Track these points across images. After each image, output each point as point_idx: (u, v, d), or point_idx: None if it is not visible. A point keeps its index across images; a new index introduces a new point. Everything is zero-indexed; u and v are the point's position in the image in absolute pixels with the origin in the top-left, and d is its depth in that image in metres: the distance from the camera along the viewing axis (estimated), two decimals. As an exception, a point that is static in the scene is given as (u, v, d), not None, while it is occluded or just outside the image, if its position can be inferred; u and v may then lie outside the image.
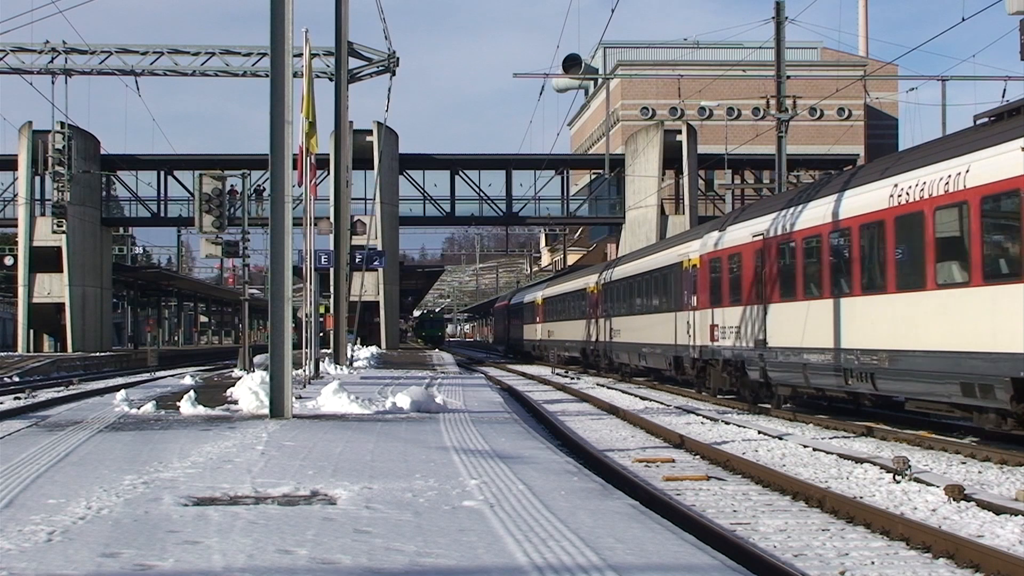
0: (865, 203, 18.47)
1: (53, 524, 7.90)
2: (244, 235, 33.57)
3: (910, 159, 17.57)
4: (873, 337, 18.07)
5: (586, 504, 8.85)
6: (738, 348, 24.48)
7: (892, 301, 17.41)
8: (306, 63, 24.02)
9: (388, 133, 56.31)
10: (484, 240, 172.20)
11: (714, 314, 26.42)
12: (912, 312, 16.72)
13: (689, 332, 28.60)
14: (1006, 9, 26.47)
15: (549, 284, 61.20)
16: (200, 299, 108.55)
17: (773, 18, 36.16)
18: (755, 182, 59.79)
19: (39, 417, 21.23)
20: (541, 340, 59.35)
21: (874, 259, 18.16)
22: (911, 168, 17.10)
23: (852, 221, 18.90)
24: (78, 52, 47.48)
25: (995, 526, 10.13)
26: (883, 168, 18.57)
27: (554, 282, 59.89)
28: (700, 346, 27.65)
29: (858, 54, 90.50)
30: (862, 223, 18.51)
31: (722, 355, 25.70)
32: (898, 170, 17.61)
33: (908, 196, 16.87)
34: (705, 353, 27.28)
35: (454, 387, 25.81)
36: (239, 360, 35.97)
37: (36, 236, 57.32)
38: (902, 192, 17.10)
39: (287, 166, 16.58)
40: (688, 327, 28.74)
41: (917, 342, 16.56)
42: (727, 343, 25.36)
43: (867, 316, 18.36)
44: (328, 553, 6.89)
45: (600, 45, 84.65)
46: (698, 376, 28.53)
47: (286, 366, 16.29)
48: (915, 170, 16.87)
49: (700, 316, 27.62)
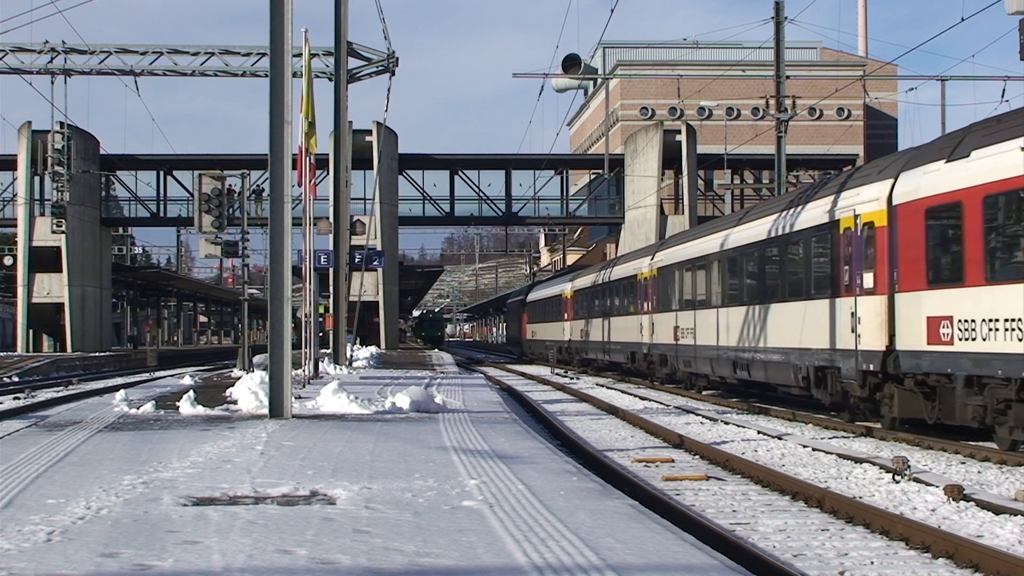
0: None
1: (52, 524, 7.89)
2: (243, 235, 33.54)
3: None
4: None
5: (585, 504, 8.84)
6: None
7: None
8: (305, 63, 24.01)
9: (388, 133, 56.29)
10: (483, 240, 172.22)
11: None
12: None
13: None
14: (1006, 9, 26.52)
15: (580, 274, 52.07)
16: (199, 299, 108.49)
17: (773, 18, 36.20)
18: (754, 182, 59.83)
19: (38, 417, 21.21)
20: (570, 341, 50.59)
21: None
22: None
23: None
24: (78, 52, 47.45)
25: (994, 526, 10.13)
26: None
27: (590, 270, 50.59)
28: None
29: (857, 54, 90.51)
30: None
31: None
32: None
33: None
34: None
35: (453, 387, 25.80)
36: (238, 360, 35.93)
37: (35, 236, 57.29)
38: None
39: (287, 166, 16.57)
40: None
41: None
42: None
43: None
44: (327, 553, 6.89)
45: (600, 45, 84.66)
46: None
47: (285, 366, 16.28)
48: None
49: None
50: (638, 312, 35.52)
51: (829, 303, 19.81)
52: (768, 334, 23.11)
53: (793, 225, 21.96)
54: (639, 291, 35.84)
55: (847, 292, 18.95)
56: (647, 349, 34.31)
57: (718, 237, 27.39)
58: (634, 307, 36.28)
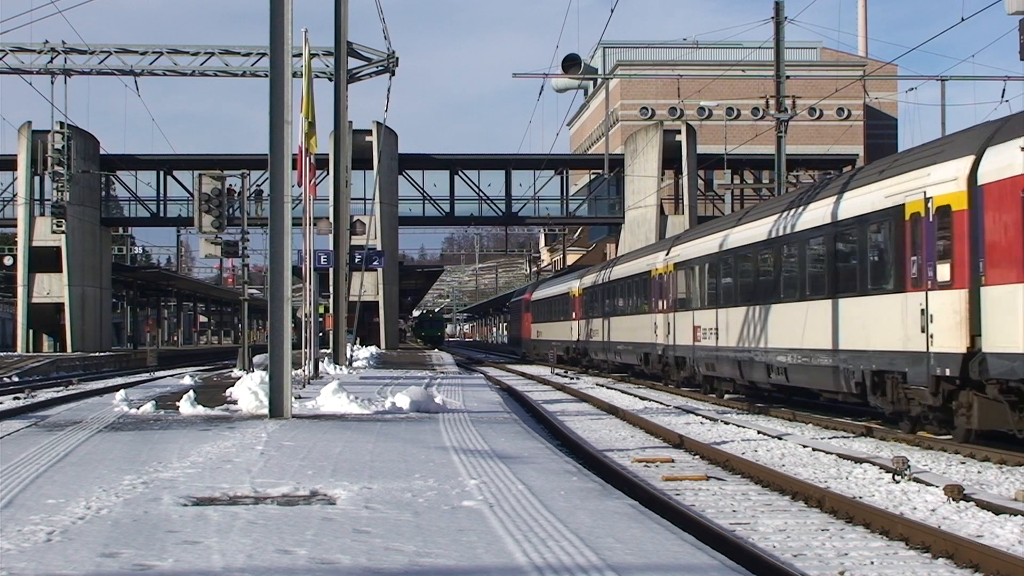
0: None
1: (52, 524, 7.89)
2: (243, 235, 33.54)
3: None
4: None
5: (585, 504, 8.84)
6: None
7: None
8: (305, 63, 24.00)
9: (387, 133, 56.32)
10: (483, 240, 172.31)
11: None
12: None
13: None
14: (1006, 9, 26.49)
15: (590, 271, 48.41)
16: (199, 299, 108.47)
17: (772, 18, 36.19)
18: (754, 182, 59.83)
19: (38, 417, 21.21)
20: (579, 341, 47.11)
21: None
22: None
23: None
24: (78, 52, 47.45)
25: (994, 526, 10.12)
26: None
27: (597, 267, 47.48)
28: None
29: (857, 54, 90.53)
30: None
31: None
32: None
33: None
34: None
35: (453, 387, 25.80)
36: (238, 360, 35.93)
37: (35, 236, 57.31)
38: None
39: (286, 166, 16.57)
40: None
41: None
42: None
43: None
44: (327, 553, 6.89)
45: (600, 45, 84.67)
46: None
47: (285, 366, 16.28)
48: None
49: None
50: (652, 311, 33.98)
51: (891, 299, 17.43)
52: (813, 334, 20.84)
53: (845, 212, 19.53)
54: (652, 288, 34.07)
55: (915, 287, 16.62)
56: (661, 350, 32.83)
57: (759, 225, 24.77)
58: (647, 306, 34.56)
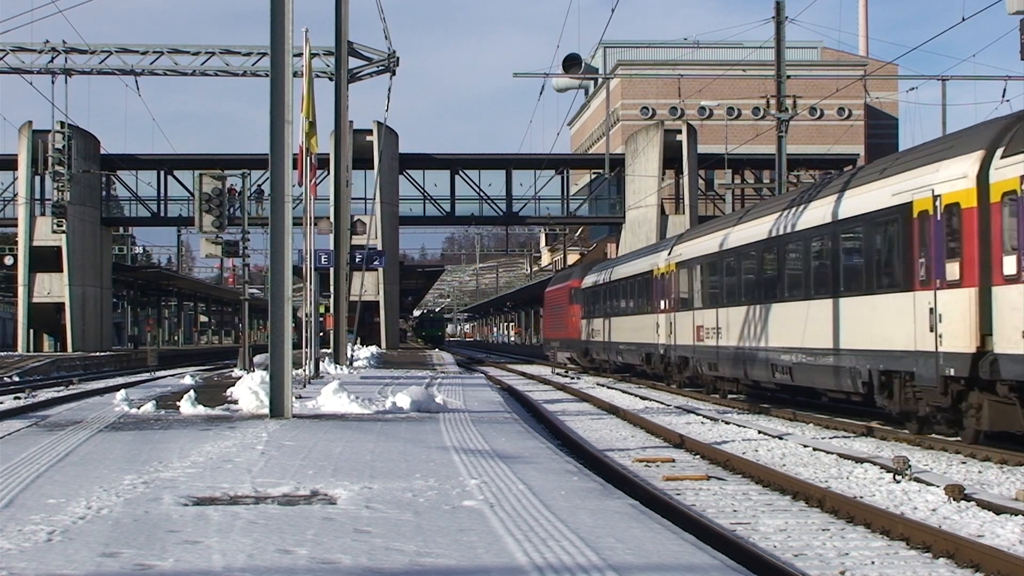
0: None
1: (53, 524, 7.89)
2: (244, 235, 33.54)
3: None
4: None
5: (586, 504, 8.84)
6: None
7: None
8: (306, 63, 24.01)
9: (388, 133, 56.29)
10: (484, 240, 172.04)
11: None
12: None
13: None
14: (1006, 9, 26.48)
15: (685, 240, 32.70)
16: (200, 299, 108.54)
17: (773, 18, 36.16)
18: (755, 182, 59.81)
19: (39, 417, 21.21)
20: (666, 345, 32.36)
21: None
22: None
23: None
24: (78, 52, 47.45)
25: (995, 526, 10.12)
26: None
27: (697, 231, 32.68)
28: None
29: (858, 54, 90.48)
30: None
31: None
32: None
33: None
34: None
35: (454, 387, 25.80)
36: (239, 360, 35.95)
37: (36, 236, 57.31)
38: None
39: (287, 166, 16.57)
40: None
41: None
42: None
43: None
44: (328, 553, 6.89)
45: (600, 45, 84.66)
46: None
47: (286, 366, 16.29)
48: None
49: None
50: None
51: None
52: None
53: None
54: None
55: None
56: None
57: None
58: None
